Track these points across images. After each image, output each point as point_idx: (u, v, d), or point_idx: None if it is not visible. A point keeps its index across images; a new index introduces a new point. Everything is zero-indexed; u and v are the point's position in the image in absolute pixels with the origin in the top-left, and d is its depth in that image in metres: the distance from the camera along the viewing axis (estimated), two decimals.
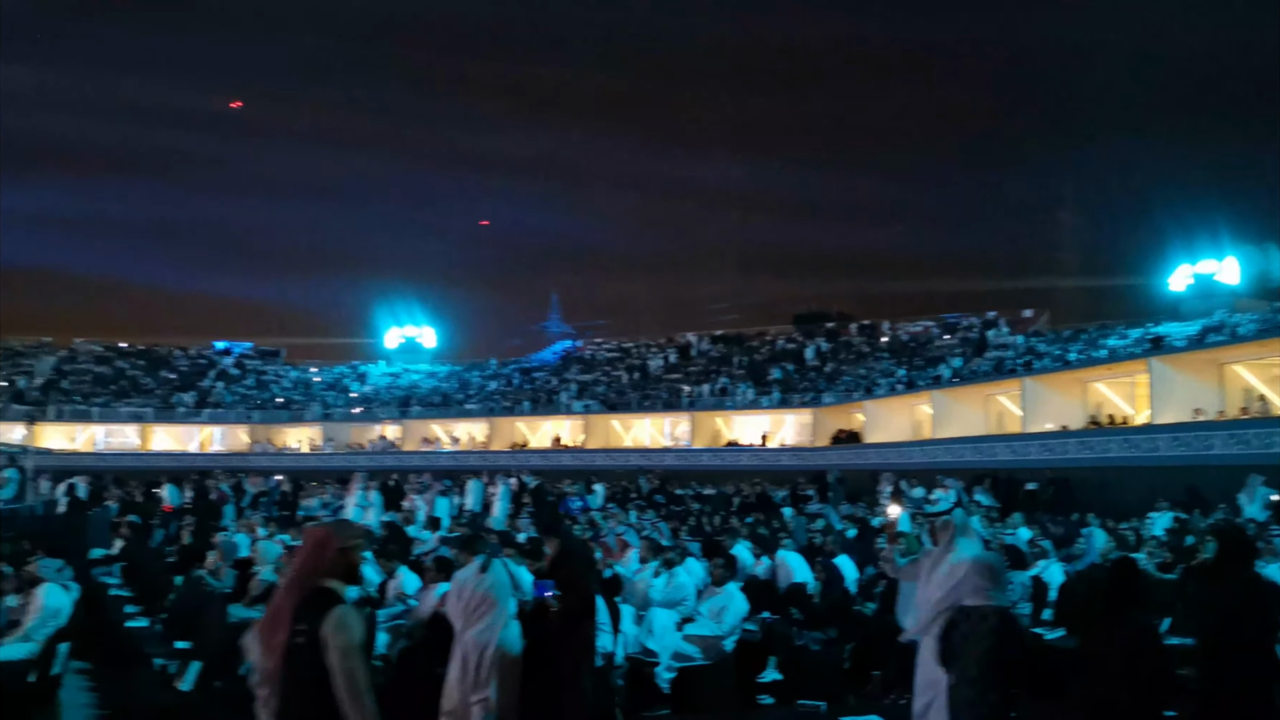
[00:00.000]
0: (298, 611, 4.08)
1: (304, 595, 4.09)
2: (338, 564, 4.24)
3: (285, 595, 4.14)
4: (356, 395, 54.99)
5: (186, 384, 54.77)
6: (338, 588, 4.19)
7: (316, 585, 4.16)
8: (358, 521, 17.49)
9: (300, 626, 4.04)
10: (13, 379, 53.59)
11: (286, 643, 4.03)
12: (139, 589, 13.78)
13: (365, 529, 15.03)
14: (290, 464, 43.99)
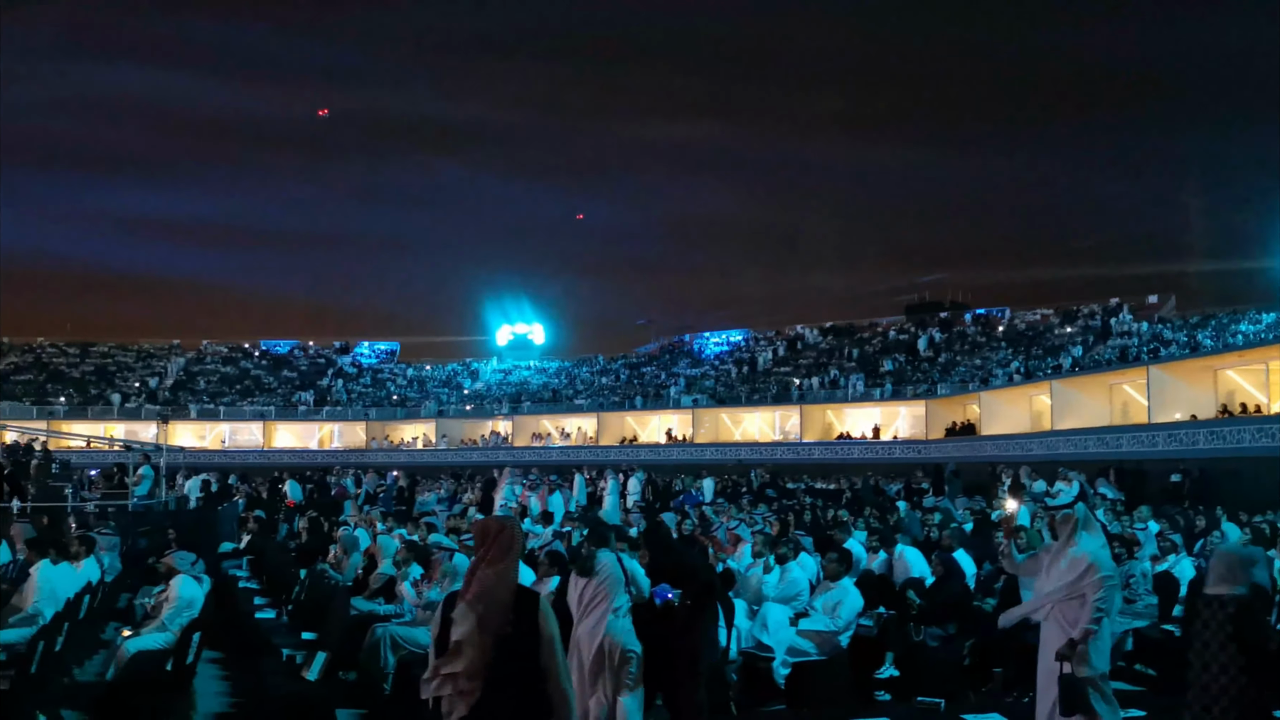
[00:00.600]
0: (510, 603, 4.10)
1: (512, 586, 4.14)
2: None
3: (500, 586, 4.10)
4: (469, 392, 55.99)
5: (306, 383, 56.51)
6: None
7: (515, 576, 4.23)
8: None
9: (511, 617, 4.06)
10: (145, 380, 56.08)
11: (497, 633, 4.02)
12: (266, 581, 14.27)
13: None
14: (406, 459, 45.06)
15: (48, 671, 8.15)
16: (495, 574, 4.11)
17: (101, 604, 11.43)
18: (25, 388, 53.54)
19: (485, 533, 4.26)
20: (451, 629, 4.09)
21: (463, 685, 4.02)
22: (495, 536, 4.19)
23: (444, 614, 4.19)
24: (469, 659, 4.01)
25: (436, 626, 4.21)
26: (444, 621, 4.15)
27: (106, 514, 18.51)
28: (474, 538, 4.37)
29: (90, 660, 10.53)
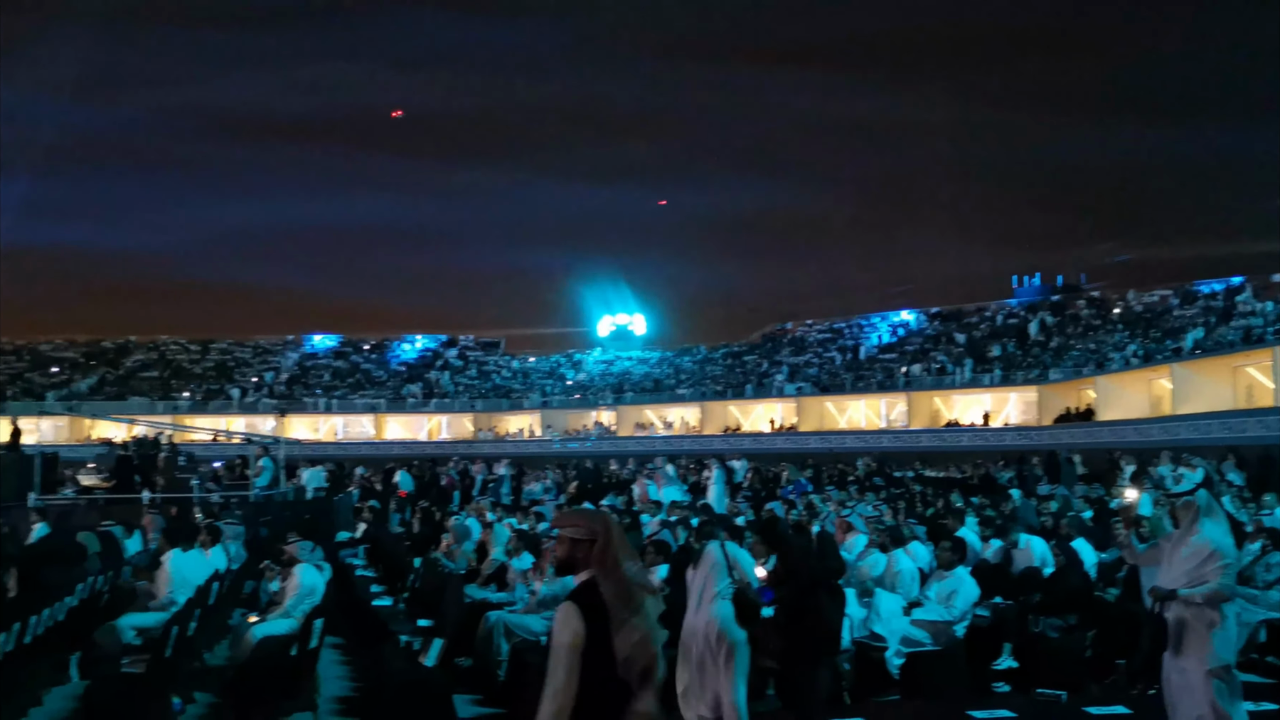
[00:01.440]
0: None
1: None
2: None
3: (611, 580, 3.91)
4: (572, 383, 56.50)
5: (415, 376, 57.73)
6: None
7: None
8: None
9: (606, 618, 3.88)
10: (262, 375, 58.00)
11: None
12: (382, 570, 14.63)
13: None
14: (512, 450, 45.69)
15: (181, 655, 8.50)
16: (610, 565, 3.89)
17: (228, 591, 11.87)
18: (151, 384, 55.85)
19: (604, 523, 4.04)
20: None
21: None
22: (613, 530, 3.99)
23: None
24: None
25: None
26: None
27: (230, 504, 19.22)
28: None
29: (219, 645, 10.95)
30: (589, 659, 3.74)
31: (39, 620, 8.63)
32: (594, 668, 3.74)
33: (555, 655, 3.77)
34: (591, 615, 3.78)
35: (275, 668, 8.16)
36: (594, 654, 3.75)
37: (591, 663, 3.74)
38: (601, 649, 3.77)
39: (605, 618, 3.80)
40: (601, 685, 3.76)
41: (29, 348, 60.44)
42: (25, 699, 8.48)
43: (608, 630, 3.78)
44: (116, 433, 39.88)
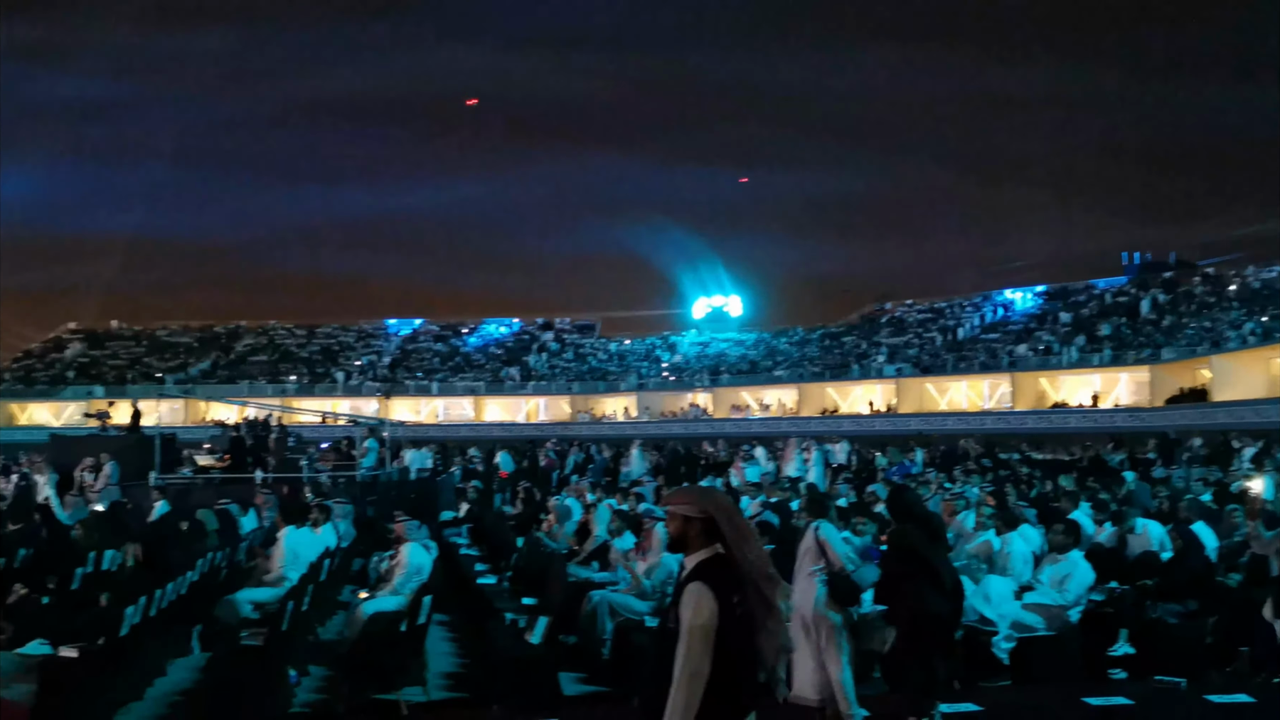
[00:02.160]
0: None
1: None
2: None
3: (747, 558, 3.87)
4: (667, 365, 56.56)
5: (512, 359, 58.45)
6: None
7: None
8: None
9: (735, 598, 3.86)
10: (367, 358, 59.38)
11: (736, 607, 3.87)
12: (485, 549, 14.85)
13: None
14: (609, 432, 45.95)
15: (296, 630, 8.75)
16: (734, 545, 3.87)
17: (338, 568, 12.19)
18: (260, 367, 57.61)
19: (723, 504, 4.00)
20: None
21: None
22: (734, 511, 3.96)
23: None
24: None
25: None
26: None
27: (338, 484, 19.72)
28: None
29: (331, 620, 11.26)
30: (720, 638, 3.71)
31: (163, 594, 8.97)
32: (724, 647, 3.71)
33: (691, 635, 3.70)
34: (722, 594, 3.75)
35: (386, 643, 8.34)
36: (724, 633, 3.72)
37: (722, 642, 3.71)
38: (731, 628, 3.74)
39: (733, 597, 3.76)
40: (731, 665, 3.72)
41: (147, 333, 62.89)
42: (151, 669, 8.84)
43: (733, 610, 3.76)
44: (229, 415, 41.22)
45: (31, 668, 8.44)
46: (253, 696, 7.66)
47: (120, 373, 56.47)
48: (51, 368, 58.15)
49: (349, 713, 7.80)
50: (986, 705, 7.91)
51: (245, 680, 7.73)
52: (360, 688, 8.02)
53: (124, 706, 7.94)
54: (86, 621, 8.50)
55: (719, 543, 3.85)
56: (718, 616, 3.69)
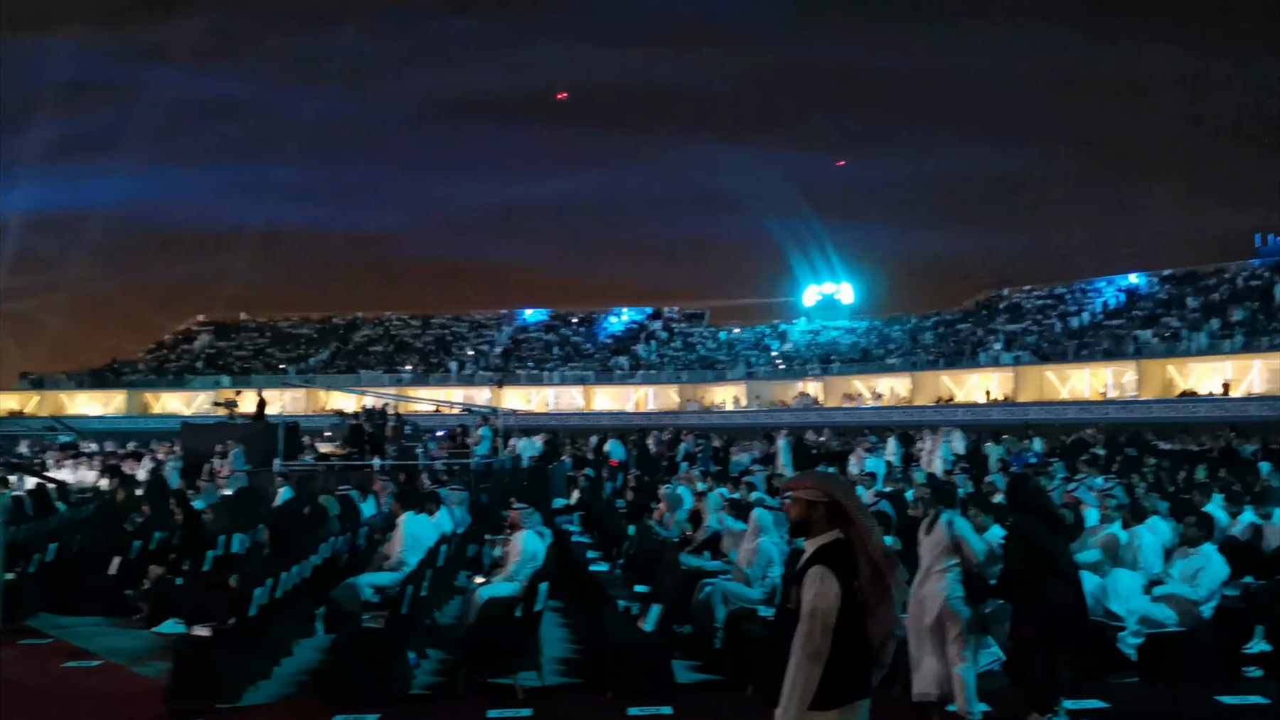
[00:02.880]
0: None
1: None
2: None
3: (867, 543, 3.97)
4: (777, 353, 56.16)
5: (621, 348, 58.75)
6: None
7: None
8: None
9: (855, 582, 3.94)
10: (478, 349, 60.40)
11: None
12: (597, 536, 14.96)
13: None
14: (719, 421, 45.86)
15: (414, 613, 8.94)
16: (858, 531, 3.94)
17: (454, 553, 12.41)
18: (377, 358, 59.09)
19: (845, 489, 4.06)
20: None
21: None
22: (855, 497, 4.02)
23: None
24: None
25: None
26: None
27: (452, 471, 20.08)
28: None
29: (448, 604, 11.47)
30: (840, 621, 3.77)
31: (289, 576, 9.26)
32: (844, 630, 3.77)
33: (813, 618, 3.77)
34: (843, 578, 3.82)
35: (502, 628, 8.46)
36: (844, 616, 3.78)
37: (841, 625, 3.77)
38: (850, 611, 3.79)
39: (853, 580, 3.83)
40: (850, 648, 3.79)
41: (270, 325, 65.15)
42: (278, 649, 9.13)
43: (853, 593, 3.81)
44: (347, 404, 42.42)
45: (167, 646, 8.83)
46: (374, 677, 7.86)
47: (246, 363, 58.62)
48: (182, 358, 60.67)
49: (466, 695, 7.93)
50: (1114, 702, 7.64)
51: (367, 662, 7.93)
52: (477, 671, 8.16)
53: (253, 684, 8.22)
54: (218, 602, 8.82)
55: (840, 527, 3.92)
56: (839, 599, 3.77)
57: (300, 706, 7.82)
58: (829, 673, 3.76)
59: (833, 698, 3.78)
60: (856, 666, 3.84)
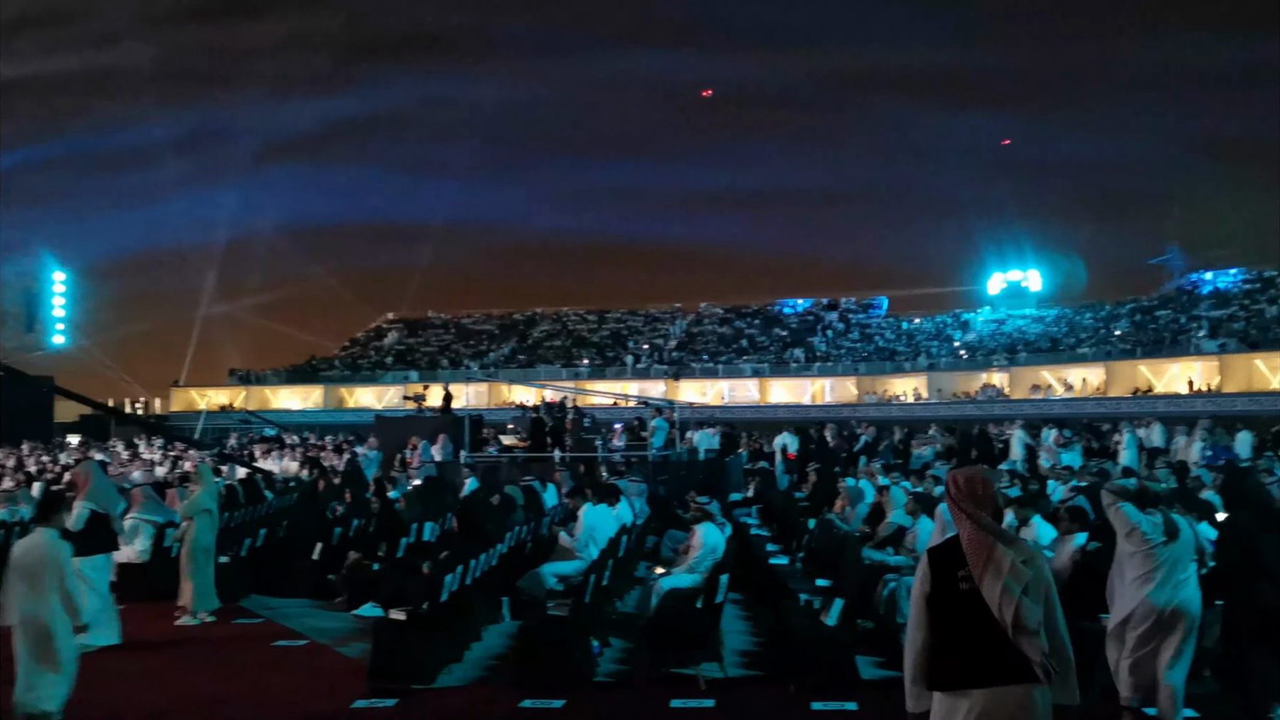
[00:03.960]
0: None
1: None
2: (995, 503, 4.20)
3: (963, 530, 4.10)
4: (959, 344, 54.47)
5: (797, 339, 58.18)
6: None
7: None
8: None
9: (961, 571, 4.04)
10: (653, 342, 60.96)
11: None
12: (775, 529, 14.85)
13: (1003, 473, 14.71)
14: (898, 414, 44.84)
15: (598, 602, 9.09)
16: (984, 522, 4.07)
17: (634, 544, 12.57)
18: (555, 352, 60.43)
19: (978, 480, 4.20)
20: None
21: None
22: (989, 486, 4.18)
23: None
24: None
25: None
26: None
27: (630, 463, 20.33)
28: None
29: (629, 594, 11.62)
30: (937, 606, 4.01)
31: (478, 564, 9.58)
32: (943, 618, 3.99)
33: (911, 604, 4.14)
34: (939, 565, 4.07)
35: (683, 619, 8.51)
36: (939, 603, 4.01)
37: (941, 609, 4.00)
38: (948, 599, 4.00)
39: (958, 570, 4.01)
40: (949, 635, 3.98)
41: (454, 322, 67.59)
42: (469, 634, 9.46)
43: (956, 582, 3.99)
44: (527, 397, 43.55)
45: (367, 628, 9.27)
46: (560, 664, 8.04)
47: (432, 358, 60.95)
48: (373, 355, 63.60)
49: (648, 684, 8.01)
50: None
51: (552, 649, 8.12)
52: (659, 660, 8.23)
53: (446, 667, 8.53)
54: (412, 587, 9.20)
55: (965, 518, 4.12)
56: (929, 585, 4.03)
57: (490, 690, 8.07)
58: (931, 656, 4.00)
59: (938, 681, 3.98)
60: (962, 655, 3.95)
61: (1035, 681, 3.88)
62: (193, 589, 10.95)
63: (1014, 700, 3.87)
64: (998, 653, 3.89)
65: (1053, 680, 3.90)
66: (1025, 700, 3.87)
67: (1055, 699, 3.94)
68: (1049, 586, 4.01)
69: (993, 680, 3.89)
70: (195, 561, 10.99)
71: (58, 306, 53.16)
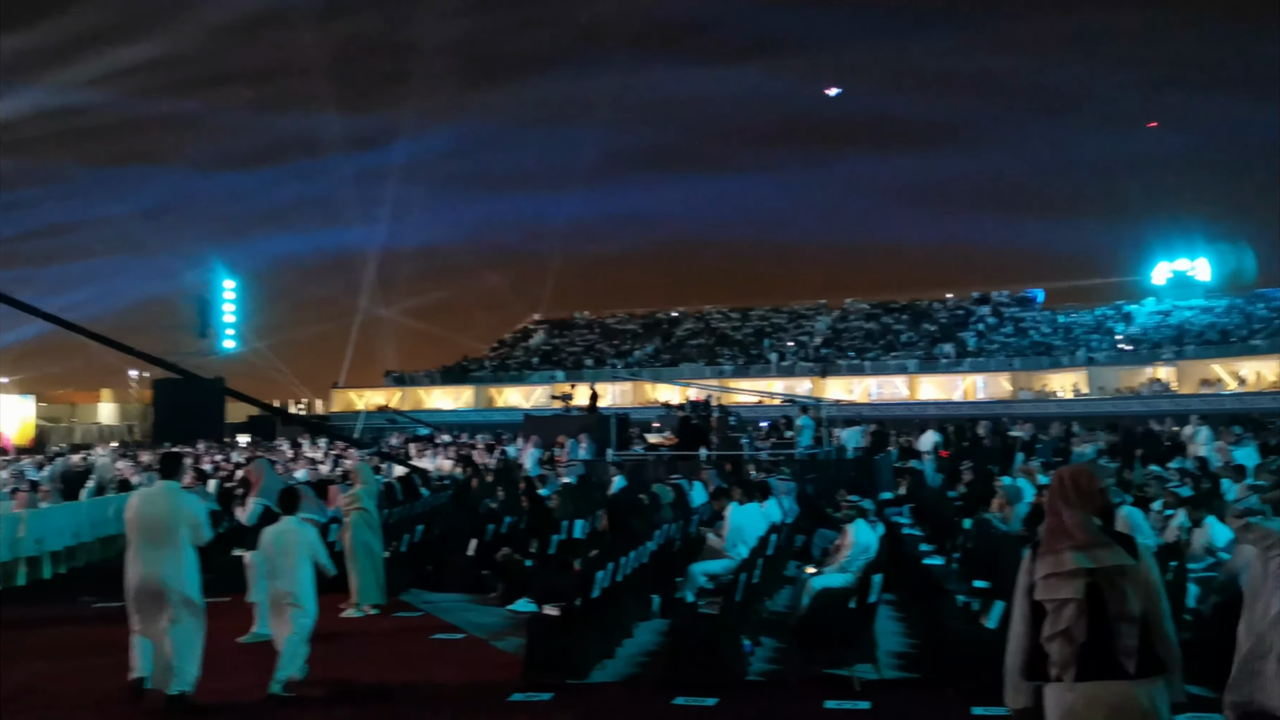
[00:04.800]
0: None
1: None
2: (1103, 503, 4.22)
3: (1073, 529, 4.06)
4: (1121, 337, 52.14)
5: (947, 335, 56.71)
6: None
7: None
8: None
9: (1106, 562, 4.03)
10: (798, 339, 60.39)
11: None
12: (928, 528, 14.50)
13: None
14: (1055, 410, 43.19)
15: (748, 600, 9.05)
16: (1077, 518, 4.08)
17: (784, 543, 12.46)
18: (698, 350, 60.49)
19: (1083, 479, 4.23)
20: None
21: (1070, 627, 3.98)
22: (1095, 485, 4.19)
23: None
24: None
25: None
26: None
27: (777, 462, 20.19)
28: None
29: (779, 593, 11.53)
30: (1033, 603, 4.04)
31: (627, 561, 9.65)
32: (1040, 612, 4.00)
33: (1015, 596, 4.20)
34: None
35: (835, 618, 8.38)
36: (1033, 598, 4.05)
37: (1036, 607, 4.02)
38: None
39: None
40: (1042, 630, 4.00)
41: (599, 322, 68.44)
42: (620, 630, 9.54)
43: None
44: (671, 396, 43.71)
45: (520, 623, 9.46)
46: (712, 662, 8.03)
47: (577, 358, 61.83)
48: (520, 355, 64.93)
49: (801, 684, 7.93)
50: None
51: (704, 647, 8.11)
52: (812, 660, 8.13)
53: (599, 662, 8.63)
54: (565, 583, 9.33)
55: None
56: (1031, 578, 4.07)
57: (643, 687, 8.12)
58: (1031, 651, 4.03)
59: (1037, 673, 4.01)
60: (1061, 648, 3.94)
61: (1134, 678, 3.87)
62: (358, 582, 11.38)
63: (1114, 695, 3.87)
64: (1098, 647, 3.89)
65: (1154, 676, 3.90)
66: (1126, 695, 3.87)
67: (1161, 696, 3.93)
68: (1153, 584, 4.00)
69: (1092, 675, 3.90)
70: (357, 556, 11.41)
71: (228, 313, 56.08)
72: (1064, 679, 3.92)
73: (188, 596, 7.55)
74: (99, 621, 10.80)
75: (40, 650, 9.86)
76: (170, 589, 7.48)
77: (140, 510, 7.66)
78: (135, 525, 7.61)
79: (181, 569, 7.56)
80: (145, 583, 7.49)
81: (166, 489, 7.87)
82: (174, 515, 7.61)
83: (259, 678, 7.96)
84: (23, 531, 13.82)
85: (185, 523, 7.62)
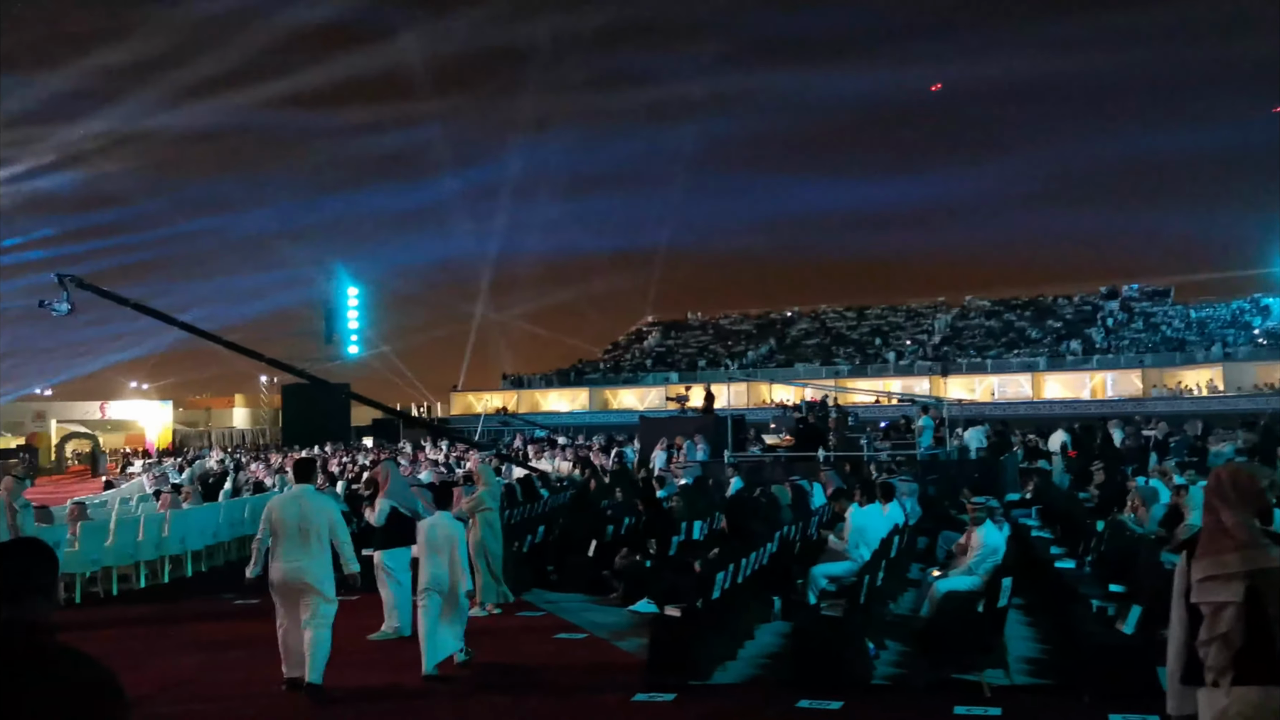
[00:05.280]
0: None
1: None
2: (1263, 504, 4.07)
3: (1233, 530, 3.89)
4: (1260, 331, 49.79)
5: (1073, 331, 54.97)
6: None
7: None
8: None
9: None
10: (915, 337, 59.30)
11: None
12: (1058, 531, 14.07)
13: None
14: (1189, 408, 41.46)
15: (872, 603, 8.92)
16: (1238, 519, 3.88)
17: (906, 545, 12.25)
18: (814, 350, 59.93)
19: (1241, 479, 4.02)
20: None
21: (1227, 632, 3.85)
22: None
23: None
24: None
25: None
26: None
27: (898, 463, 19.85)
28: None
29: (903, 596, 11.34)
30: (1189, 605, 3.90)
31: (747, 562, 9.61)
32: (1196, 615, 3.87)
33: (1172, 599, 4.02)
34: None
35: (963, 622, 8.20)
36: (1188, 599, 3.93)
37: (1192, 610, 3.89)
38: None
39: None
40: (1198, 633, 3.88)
41: (713, 323, 68.43)
42: (741, 632, 9.51)
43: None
44: (787, 396, 43.37)
45: (642, 623, 9.51)
46: (835, 665, 7.93)
47: (691, 359, 61.88)
48: (634, 356, 65.29)
49: (928, 689, 7.78)
50: None
51: (827, 649, 8.02)
52: (938, 665, 7.97)
53: (721, 664, 8.61)
54: (685, 584, 9.35)
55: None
56: (1187, 580, 3.91)
57: (765, 688, 8.08)
58: (1189, 653, 3.89)
59: (1194, 676, 3.88)
60: (1218, 651, 3.81)
61: None
62: (480, 582, 11.60)
63: (1275, 701, 3.71)
64: (1257, 651, 3.74)
65: None
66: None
67: None
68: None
69: (1250, 680, 3.74)
70: (480, 556, 11.62)
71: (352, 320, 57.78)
72: (1220, 684, 3.78)
73: (325, 593, 7.88)
74: (239, 617, 11.28)
75: (187, 644, 10.32)
76: (310, 586, 7.84)
77: (282, 513, 8.04)
78: (277, 527, 8.00)
79: (321, 567, 7.93)
80: (288, 580, 7.86)
81: (303, 492, 8.24)
82: (312, 517, 7.97)
83: (390, 673, 8.19)
84: (167, 531, 14.48)
85: (324, 523, 7.97)
